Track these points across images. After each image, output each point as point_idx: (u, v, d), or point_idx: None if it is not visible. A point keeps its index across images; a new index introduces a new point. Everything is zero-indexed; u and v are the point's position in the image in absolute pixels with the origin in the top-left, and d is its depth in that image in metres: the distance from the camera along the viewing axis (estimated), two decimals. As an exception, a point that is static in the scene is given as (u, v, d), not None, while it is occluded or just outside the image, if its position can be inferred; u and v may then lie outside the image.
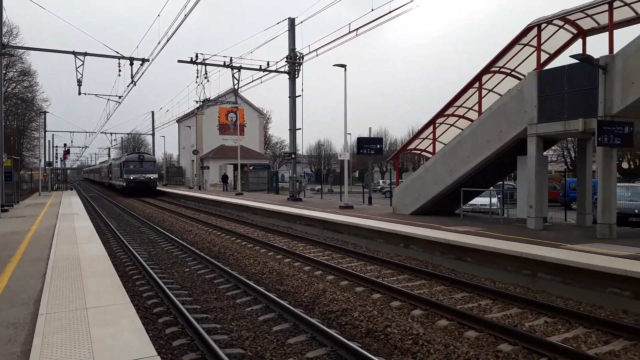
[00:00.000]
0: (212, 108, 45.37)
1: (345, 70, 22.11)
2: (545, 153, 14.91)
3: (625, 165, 43.74)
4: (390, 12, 15.84)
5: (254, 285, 9.04)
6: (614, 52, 11.37)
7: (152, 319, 7.45)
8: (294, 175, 27.04)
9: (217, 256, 12.97)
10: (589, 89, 11.86)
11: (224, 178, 43.72)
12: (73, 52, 21.81)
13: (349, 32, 19.05)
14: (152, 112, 59.54)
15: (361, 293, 8.78)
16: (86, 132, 59.82)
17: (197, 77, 25.94)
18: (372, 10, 16.48)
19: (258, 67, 26.45)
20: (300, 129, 26.42)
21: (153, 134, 60.78)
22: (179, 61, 25.04)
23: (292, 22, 26.04)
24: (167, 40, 18.40)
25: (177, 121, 58.55)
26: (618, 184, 12.30)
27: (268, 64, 26.30)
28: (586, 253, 9.15)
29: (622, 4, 12.46)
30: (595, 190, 13.39)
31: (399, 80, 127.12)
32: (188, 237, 16.63)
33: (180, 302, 7.88)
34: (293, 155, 26.90)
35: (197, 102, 30.11)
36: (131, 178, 40.44)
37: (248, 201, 25.92)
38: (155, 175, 43.05)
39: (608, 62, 11.26)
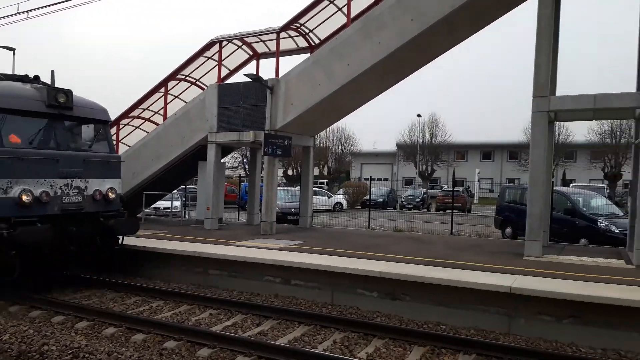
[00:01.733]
0: None
1: (14, 54, 18.92)
2: (226, 159, 16.24)
3: (290, 172, 51.71)
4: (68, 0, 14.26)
5: None
6: (280, 76, 13.34)
7: None
8: None
9: None
10: (260, 105, 13.52)
11: None
12: None
13: (18, 13, 16.30)
14: None
15: (16, 313, 7.60)
16: None
17: None
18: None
19: None
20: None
21: None
22: None
23: None
24: None
25: None
26: (282, 188, 14.65)
27: None
28: (249, 248, 10.38)
29: (287, 36, 14.72)
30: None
31: (93, 73, 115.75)
32: None
33: None
34: None
35: None
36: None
37: None
38: (117, 185, 9.71)
39: (274, 84, 13.12)
